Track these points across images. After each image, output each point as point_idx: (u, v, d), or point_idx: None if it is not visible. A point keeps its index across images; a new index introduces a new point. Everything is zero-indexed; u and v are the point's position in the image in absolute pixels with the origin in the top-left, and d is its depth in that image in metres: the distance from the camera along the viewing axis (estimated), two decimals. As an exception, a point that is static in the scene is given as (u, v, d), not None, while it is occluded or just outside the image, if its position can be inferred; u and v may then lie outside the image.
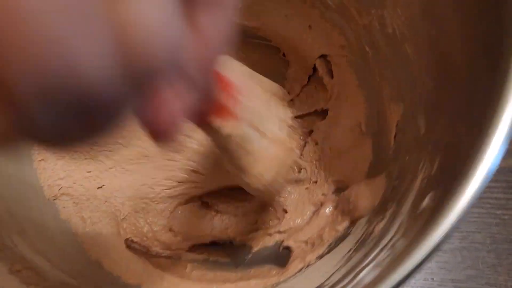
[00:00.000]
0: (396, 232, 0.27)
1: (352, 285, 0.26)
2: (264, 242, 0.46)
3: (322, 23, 0.47)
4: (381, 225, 0.33)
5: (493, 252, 0.42)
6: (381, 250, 0.27)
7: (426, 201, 0.25)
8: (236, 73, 0.30)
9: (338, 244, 0.38)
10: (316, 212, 0.45)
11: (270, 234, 0.45)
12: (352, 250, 0.34)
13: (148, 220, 0.46)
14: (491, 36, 0.25)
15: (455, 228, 0.21)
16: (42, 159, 0.44)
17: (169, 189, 0.46)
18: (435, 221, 0.22)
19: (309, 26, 0.48)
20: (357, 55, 0.44)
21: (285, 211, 0.46)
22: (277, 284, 0.40)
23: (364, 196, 0.38)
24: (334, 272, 0.32)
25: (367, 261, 0.28)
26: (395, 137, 0.39)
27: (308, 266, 0.39)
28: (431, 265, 0.43)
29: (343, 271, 0.31)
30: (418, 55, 0.35)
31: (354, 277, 0.27)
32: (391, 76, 0.40)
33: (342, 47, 0.46)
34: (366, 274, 0.25)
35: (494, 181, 0.45)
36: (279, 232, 0.45)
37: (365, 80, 0.44)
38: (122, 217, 0.45)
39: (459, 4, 0.28)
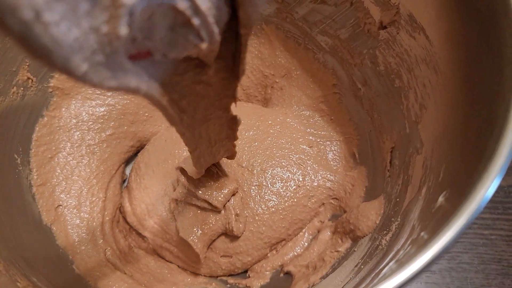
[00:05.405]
0: (409, 235, 0.30)
1: (374, 283, 0.27)
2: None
3: (315, 64, 0.51)
4: (388, 237, 0.35)
5: (481, 273, 0.43)
6: (397, 253, 0.29)
7: (439, 201, 0.28)
8: None
9: (342, 263, 0.39)
10: (314, 238, 0.46)
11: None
12: (359, 264, 0.36)
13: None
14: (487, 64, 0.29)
15: (469, 223, 0.23)
16: (42, 183, 0.44)
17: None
18: (450, 217, 0.24)
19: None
20: (348, 92, 0.48)
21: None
22: None
23: (365, 216, 0.40)
24: (346, 283, 0.34)
25: (383, 265, 0.30)
26: (390, 162, 0.42)
27: (313, 285, 0.39)
28: (420, 286, 0.44)
29: (357, 279, 0.33)
30: (409, 85, 0.39)
31: (374, 278, 0.28)
32: (382, 107, 0.44)
33: (334, 86, 0.50)
34: (388, 270, 0.27)
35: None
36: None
37: (356, 113, 0.48)
38: None
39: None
